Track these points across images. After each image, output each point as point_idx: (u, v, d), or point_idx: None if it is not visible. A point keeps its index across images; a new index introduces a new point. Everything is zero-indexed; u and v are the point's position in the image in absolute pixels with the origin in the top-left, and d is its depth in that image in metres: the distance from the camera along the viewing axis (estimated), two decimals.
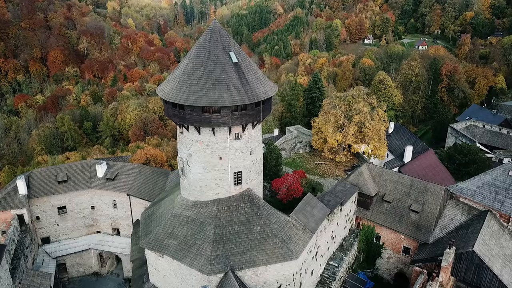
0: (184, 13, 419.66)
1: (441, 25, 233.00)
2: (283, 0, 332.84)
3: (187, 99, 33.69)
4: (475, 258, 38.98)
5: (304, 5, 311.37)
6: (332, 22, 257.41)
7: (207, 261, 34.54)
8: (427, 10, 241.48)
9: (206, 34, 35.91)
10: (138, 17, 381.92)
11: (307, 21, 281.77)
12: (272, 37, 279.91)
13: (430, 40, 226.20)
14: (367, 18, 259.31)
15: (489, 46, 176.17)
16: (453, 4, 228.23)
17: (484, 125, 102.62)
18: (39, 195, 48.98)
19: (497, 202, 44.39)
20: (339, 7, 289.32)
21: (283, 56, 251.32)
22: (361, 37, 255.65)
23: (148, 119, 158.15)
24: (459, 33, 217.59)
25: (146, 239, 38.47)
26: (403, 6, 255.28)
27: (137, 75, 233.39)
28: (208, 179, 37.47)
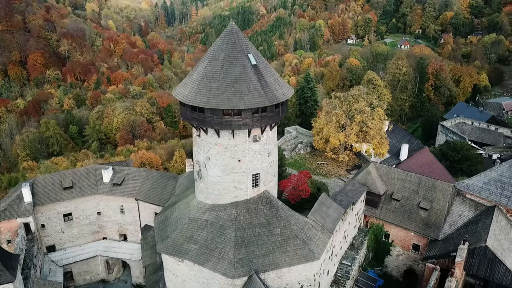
0: (165, 14, 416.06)
1: (422, 24, 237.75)
2: (265, 0, 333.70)
3: (208, 102, 33.41)
4: (488, 252, 39.89)
5: (286, 5, 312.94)
6: (315, 23, 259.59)
7: (230, 264, 34.33)
8: (408, 10, 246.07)
9: (224, 37, 35.70)
10: (119, 18, 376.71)
11: (290, 21, 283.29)
12: (256, 37, 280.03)
13: (412, 40, 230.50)
14: (349, 18, 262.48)
15: (470, 45, 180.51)
16: (433, 4, 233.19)
17: (473, 122, 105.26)
18: (44, 203, 47.74)
19: (504, 197, 45.57)
20: (321, 8, 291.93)
21: (267, 57, 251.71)
22: (344, 37, 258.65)
23: (135, 122, 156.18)
24: (440, 33, 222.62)
25: (163, 244, 37.95)
26: (384, 6, 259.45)
27: (121, 78, 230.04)
28: (226, 182, 37.24)
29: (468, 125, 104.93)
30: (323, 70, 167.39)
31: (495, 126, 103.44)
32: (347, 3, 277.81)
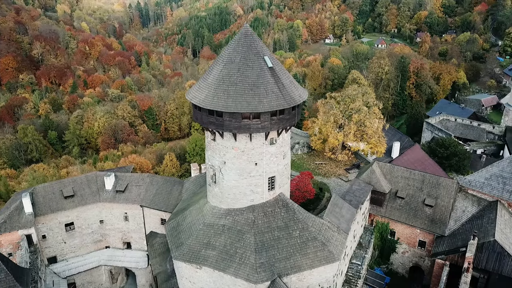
0: (140, 16, 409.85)
1: (397, 24, 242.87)
2: (242, 1, 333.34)
3: (226, 105, 32.96)
4: (497, 246, 40.93)
5: (263, 6, 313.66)
6: (293, 23, 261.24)
7: (252, 269, 33.96)
8: (383, 10, 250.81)
9: (238, 39, 35.29)
10: (92, 20, 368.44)
11: (268, 22, 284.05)
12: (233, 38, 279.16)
13: (388, 39, 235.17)
14: (326, 18, 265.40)
15: (445, 44, 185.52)
16: (408, 4, 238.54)
17: (456, 119, 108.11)
18: (45, 213, 46.02)
19: (506, 192, 46.90)
20: (298, 8, 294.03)
21: None
22: (322, 37, 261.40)
23: (118, 126, 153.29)
24: (415, 32, 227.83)
25: (179, 252, 37.20)
26: (360, 6, 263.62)
27: (98, 81, 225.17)
28: (243, 186, 36.85)
29: (451, 121, 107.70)
30: (305, 70, 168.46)
31: (477, 122, 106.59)
32: (324, 3, 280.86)
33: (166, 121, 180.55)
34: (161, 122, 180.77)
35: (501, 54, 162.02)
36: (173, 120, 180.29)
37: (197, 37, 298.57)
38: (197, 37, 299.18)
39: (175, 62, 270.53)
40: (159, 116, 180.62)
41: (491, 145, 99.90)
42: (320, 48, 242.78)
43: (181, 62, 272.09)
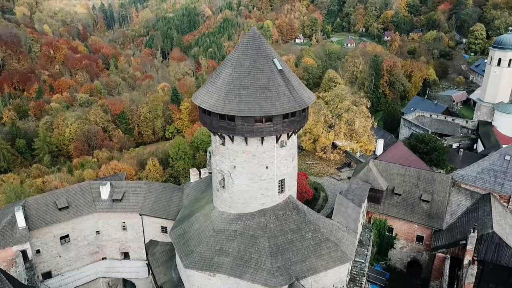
0: (104, 17, 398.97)
1: (365, 23, 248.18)
2: (210, 2, 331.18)
3: (239, 109, 32.53)
4: (495, 238, 42.43)
5: (232, 6, 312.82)
6: (263, 23, 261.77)
7: (270, 274, 33.67)
8: (351, 9, 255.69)
9: (247, 42, 34.86)
10: (53, 22, 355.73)
11: (237, 22, 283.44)
12: (204, 39, 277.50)
13: (357, 38, 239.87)
14: (296, 19, 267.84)
15: (413, 42, 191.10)
16: (374, 4, 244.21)
17: (431, 115, 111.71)
18: (39, 226, 43.85)
19: (497, 185, 48.74)
20: (267, 8, 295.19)
21: (218, 59, 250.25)
22: (292, 37, 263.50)
23: (91, 132, 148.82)
24: (382, 31, 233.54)
25: (190, 260, 36.39)
26: (329, 6, 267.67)
27: (65, 85, 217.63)
28: (253, 190, 36.50)
29: (427, 117, 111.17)
30: None
31: (451, 117, 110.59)
32: (292, 3, 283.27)
33: (140, 125, 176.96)
34: (134, 126, 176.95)
35: (466, 51, 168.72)
36: (146, 124, 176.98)
37: (166, 39, 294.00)
38: (165, 39, 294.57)
39: (144, 64, 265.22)
40: (132, 120, 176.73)
41: (465, 139, 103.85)
42: (291, 48, 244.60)
43: (151, 64, 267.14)
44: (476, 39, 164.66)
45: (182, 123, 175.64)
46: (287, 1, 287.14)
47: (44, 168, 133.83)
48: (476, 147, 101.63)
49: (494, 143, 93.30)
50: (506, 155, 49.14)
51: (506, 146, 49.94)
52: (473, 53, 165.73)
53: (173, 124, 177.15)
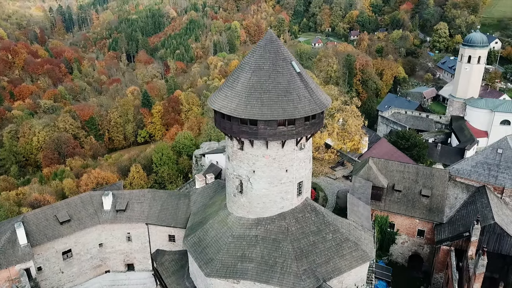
0: (63, 20, 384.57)
1: (331, 23, 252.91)
2: (175, 3, 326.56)
3: (262, 113, 32.20)
4: (497, 228, 44.34)
5: (197, 8, 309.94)
6: (230, 24, 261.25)
7: (297, 277, 33.56)
8: (317, 10, 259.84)
9: (264, 45, 34.55)
10: (8, 26, 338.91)
11: (204, 23, 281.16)
12: (171, 41, 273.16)
13: (324, 38, 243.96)
14: (263, 19, 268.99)
15: (380, 41, 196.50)
16: (339, 4, 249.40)
17: (406, 112, 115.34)
18: (40, 242, 41.62)
19: (491, 177, 51.04)
20: (233, 9, 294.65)
21: (187, 60, 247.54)
22: (260, 38, 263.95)
23: (61, 139, 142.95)
24: (348, 30, 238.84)
25: (211, 268, 35.66)
26: (295, 7, 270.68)
27: (27, 91, 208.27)
28: (273, 194, 36.26)
29: (402, 114, 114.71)
30: None
31: (426, 113, 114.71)
32: (258, 4, 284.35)
33: (110, 130, 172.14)
34: (105, 132, 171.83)
35: (431, 49, 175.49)
36: (117, 129, 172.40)
37: (131, 41, 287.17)
38: (130, 41, 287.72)
39: (109, 68, 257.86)
40: (101, 126, 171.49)
41: (440, 134, 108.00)
42: None
43: (116, 67, 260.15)
44: (440, 37, 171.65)
45: (154, 127, 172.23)
46: (253, 1, 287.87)
47: (12, 179, 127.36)
48: (450, 141, 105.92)
49: (469, 137, 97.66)
50: (499, 148, 51.50)
51: (498, 140, 52.11)
52: (437, 51, 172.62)
53: (145, 128, 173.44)
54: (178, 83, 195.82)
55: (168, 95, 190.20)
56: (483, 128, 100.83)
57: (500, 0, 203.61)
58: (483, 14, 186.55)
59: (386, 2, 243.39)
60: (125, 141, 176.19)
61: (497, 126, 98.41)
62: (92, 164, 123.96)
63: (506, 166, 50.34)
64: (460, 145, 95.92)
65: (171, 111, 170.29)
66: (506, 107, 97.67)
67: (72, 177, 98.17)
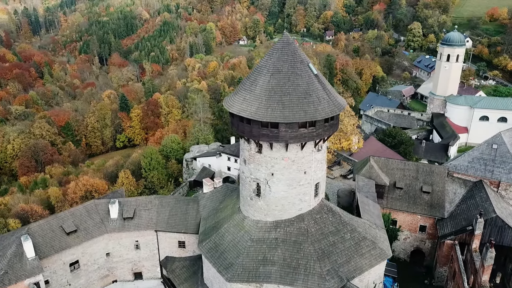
0: (29, 23, 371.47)
1: (306, 23, 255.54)
2: (147, 5, 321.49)
3: (284, 116, 32.23)
4: (499, 221, 46.02)
5: (170, 9, 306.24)
6: (206, 26, 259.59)
7: (321, 278, 33.75)
8: (291, 10, 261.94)
9: (281, 48, 34.65)
10: None
11: (178, 25, 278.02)
12: (145, 43, 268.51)
13: (299, 38, 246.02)
14: (238, 20, 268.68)
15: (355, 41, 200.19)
16: (314, 5, 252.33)
17: (388, 110, 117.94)
18: (48, 254, 40.11)
19: (488, 172, 52.84)
20: (207, 11, 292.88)
21: (162, 63, 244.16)
22: (236, 39, 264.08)
23: (38, 147, 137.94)
24: (323, 30, 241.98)
25: (232, 273, 35.36)
26: (270, 8, 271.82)
27: None
28: (291, 196, 36.35)
29: (385, 112, 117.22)
30: (232, 72, 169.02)
31: (407, 111, 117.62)
32: (233, 5, 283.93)
33: (87, 135, 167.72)
34: (81, 137, 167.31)
35: (406, 48, 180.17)
36: (94, 134, 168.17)
37: (103, 44, 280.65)
38: (102, 44, 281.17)
39: (82, 71, 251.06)
40: (78, 131, 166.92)
41: (422, 131, 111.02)
42: (236, 49, 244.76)
43: (89, 71, 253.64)
44: (414, 37, 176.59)
45: (133, 131, 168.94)
46: (227, 2, 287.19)
47: None
48: (432, 138, 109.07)
49: (451, 133, 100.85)
50: (493, 144, 53.35)
51: (493, 136, 54.00)
52: (412, 50, 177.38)
53: (124, 133, 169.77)
54: (156, 85, 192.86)
55: (146, 98, 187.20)
56: (463, 124, 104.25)
57: (467, 0, 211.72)
58: (453, 14, 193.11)
59: (359, 3, 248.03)
60: (103, 146, 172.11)
61: (476, 122, 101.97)
62: (73, 171, 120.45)
63: (502, 161, 52.26)
64: (443, 141, 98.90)
65: (150, 114, 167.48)
66: (484, 104, 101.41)
67: (55, 185, 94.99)
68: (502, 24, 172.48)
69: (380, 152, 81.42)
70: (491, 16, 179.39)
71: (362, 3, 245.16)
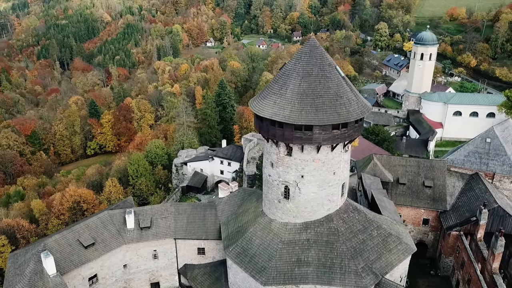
0: None
1: (272, 24, 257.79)
2: (108, 7, 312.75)
3: (318, 118, 32.74)
4: (500, 211, 48.70)
5: (133, 11, 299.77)
6: (172, 28, 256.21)
7: (357, 276, 34.51)
8: (258, 12, 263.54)
9: (309, 52, 35.00)
10: None
11: (142, 27, 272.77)
12: (108, 46, 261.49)
13: (267, 39, 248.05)
14: (204, 22, 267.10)
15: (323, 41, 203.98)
16: (280, 6, 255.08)
17: None
18: (68, 270, 38.47)
19: (483, 164, 55.79)
20: (171, 13, 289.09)
21: (129, 66, 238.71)
22: (203, 41, 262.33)
23: (5, 158, 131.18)
24: (291, 31, 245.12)
25: (266, 276, 35.45)
26: (236, 9, 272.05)
27: None
28: (321, 197, 36.90)
29: None
30: (205, 75, 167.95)
31: (384, 108, 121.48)
32: (198, 7, 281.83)
33: (56, 144, 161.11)
34: (50, 146, 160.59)
35: (374, 48, 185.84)
36: (63, 142, 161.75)
37: (63, 48, 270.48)
38: (62, 48, 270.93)
39: (43, 77, 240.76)
40: (45, 140, 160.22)
41: (399, 128, 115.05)
42: (204, 51, 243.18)
43: (51, 76, 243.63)
44: (381, 37, 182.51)
45: (105, 137, 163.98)
46: (192, 4, 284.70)
47: None
48: (409, 134, 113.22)
49: (428, 129, 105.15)
50: (487, 138, 56.38)
51: (486, 130, 57.02)
52: (380, 49, 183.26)
53: (95, 139, 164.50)
54: (126, 90, 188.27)
55: (116, 103, 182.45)
56: (438, 119, 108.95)
57: (426, 1, 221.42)
58: (415, 14, 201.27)
59: (324, 4, 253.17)
60: (72, 154, 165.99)
61: (450, 117, 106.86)
62: (49, 182, 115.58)
63: (495, 154, 55.35)
64: (422, 137, 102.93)
65: (122, 119, 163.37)
66: (457, 100, 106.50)
67: (33, 197, 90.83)
68: (462, 24, 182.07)
69: (369, 150, 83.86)
70: (451, 15, 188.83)
71: (327, 4, 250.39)
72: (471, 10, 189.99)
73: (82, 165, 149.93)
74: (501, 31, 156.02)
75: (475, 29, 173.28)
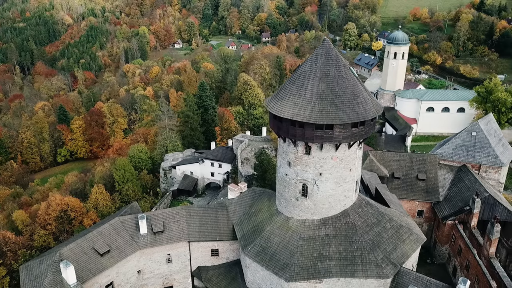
0: None
1: (241, 25, 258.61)
2: (69, 9, 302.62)
3: (339, 117, 34.05)
4: (491, 199, 51.96)
5: (95, 13, 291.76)
6: (138, 30, 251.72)
7: (378, 266, 36.07)
8: (225, 13, 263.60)
9: (325, 53, 36.23)
10: None
11: (107, 30, 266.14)
12: (72, 50, 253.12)
13: (236, 40, 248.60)
14: (171, 23, 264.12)
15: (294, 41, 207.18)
16: (247, 7, 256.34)
17: None
18: (86, 279, 37.71)
19: (470, 157, 59.15)
20: (137, 14, 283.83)
21: (95, 70, 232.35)
22: (171, 42, 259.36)
23: None
24: (259, 32, 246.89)
25: (289, 273, 36.41)
26: (203, 10, 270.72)
27: None
28: (338, 193, 38.25)
29: None
30: (179, 77, 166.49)
31: None
32: (164, 8, 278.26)
33: (23, 152, 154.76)
34: (17, 154, 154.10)
35: (344, 48, 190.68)
36: (32, 150, 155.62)
37: (23, 52, 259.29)
38: (22, 52, 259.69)
39: (3, 83, 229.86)
40: (12, 148, 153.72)
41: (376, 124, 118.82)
42: (172, 53, 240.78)
43: (11, 82, 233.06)
44: (350, 36, 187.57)
45: (76, 144, 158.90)
46: (158, 6, 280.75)
47: None
48: (385, 130, 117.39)
49: (404, 125, 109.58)
50: (472, 131, 59.81)
51: (471, 124, 60.43)
52: (349, 49, 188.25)
53: (65, 146, 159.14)
54: (96, 94, 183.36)
55: (86, 108, 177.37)
56: (412, 116, 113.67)
57: (389, 1, 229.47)
58: (380, 14, 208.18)
59: (291, 5, 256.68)
60: (42, 162, 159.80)
61: (424, 113, 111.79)
62: (24, 193, 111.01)
63: (481, 146, 58.86)
64: (399, 133, 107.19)
65: (94, 125, 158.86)
66: (430, 96, 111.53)
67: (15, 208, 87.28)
68: (425, 23, 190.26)
69: None
70: (414, 15, 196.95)
71: (294, 5, 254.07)
72: (433, 10, 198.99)
73: (54, 173, 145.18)
74: (462, 30, 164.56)
75: (438, 28, 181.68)
